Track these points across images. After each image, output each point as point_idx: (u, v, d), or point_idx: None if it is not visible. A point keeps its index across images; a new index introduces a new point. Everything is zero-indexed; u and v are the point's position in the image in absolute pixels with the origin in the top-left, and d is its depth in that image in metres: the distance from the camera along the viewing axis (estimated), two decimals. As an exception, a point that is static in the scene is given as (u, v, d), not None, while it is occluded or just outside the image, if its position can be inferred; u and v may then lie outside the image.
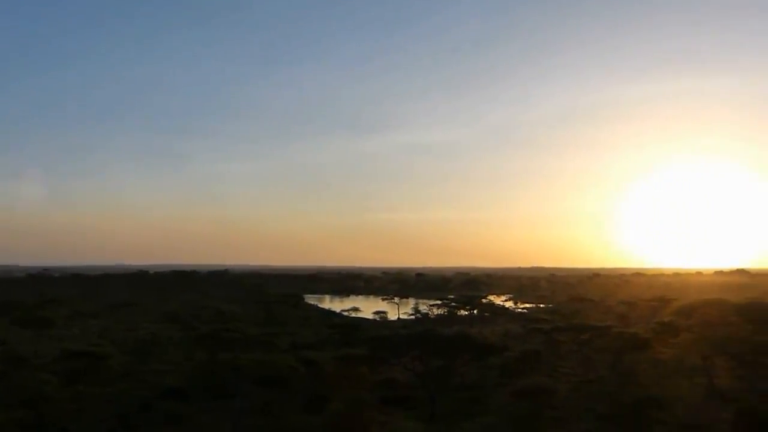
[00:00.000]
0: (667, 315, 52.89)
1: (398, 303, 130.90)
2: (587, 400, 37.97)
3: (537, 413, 33.94)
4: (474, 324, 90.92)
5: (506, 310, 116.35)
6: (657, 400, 34.18)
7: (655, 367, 45.40)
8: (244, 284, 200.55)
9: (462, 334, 49.35)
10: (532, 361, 47.88)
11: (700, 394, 39.24)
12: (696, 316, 45.15)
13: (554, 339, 54.61)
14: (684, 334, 44.63)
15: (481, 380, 44.12)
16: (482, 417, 34.43)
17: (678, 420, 32.83)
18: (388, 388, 40.45)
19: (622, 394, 37.63)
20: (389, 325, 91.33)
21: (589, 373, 47.54)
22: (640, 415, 32.81)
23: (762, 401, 34.55)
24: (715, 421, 32.92)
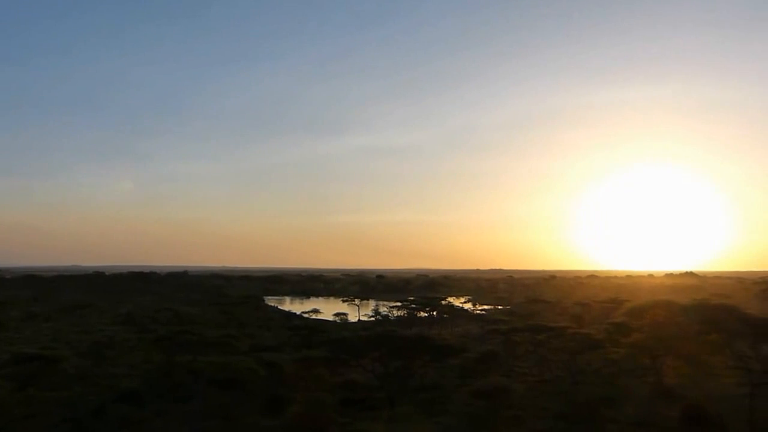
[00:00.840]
0: (620, 316, 54.32)
1: (359, 305, 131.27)
2: (543, 399, 38.88)
3: (495, 413, 34.65)
4: (433, 325, 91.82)
5: (465, 312, 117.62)
6: (609, 399, 35.30)
7: (608, 366, 46.67)
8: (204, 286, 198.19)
9: (421, 336, 49.95)
10: (490, 361, 48.73)
11: (649, 393, 40.55)
12: (646, 317, 46.43)
13: (512, 340, 55.60)
14: (635, 334, 45.93)
15: (441, 381, 44.73)
16: (441, 417, 34.98)
17: (628, 418, 33.96)
18: (347, 389, 40.71)
19: (576, 393, 38.71)
20: (349, 326, 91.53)
21: (545, 373, 48.65)
22: (593, 413, 33.85)
23: (707, 399, 35.92)
24: (663, 418, 34.14)
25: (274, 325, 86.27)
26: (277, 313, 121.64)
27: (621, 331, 49.00)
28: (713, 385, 40.01)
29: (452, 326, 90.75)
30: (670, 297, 58.42)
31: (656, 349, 43.68)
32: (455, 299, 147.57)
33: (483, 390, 36.40)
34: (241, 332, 63.44)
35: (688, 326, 41.75)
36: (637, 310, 49.92)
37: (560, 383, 43.72)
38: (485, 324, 75.85)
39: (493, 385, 37.28)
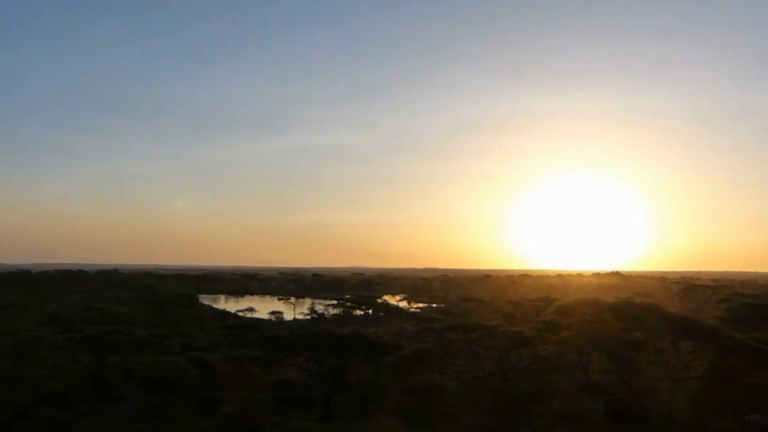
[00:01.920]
0: (549, 314, 55.88)
1: (294, 303, 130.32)
2: (475, 395, 39.75)
3: (428, 409, 35.21)
4: (369, 324, 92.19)
5: (400, 310, 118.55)
6: (538, 394, 36.45)
7: (537, 363, 48.13)
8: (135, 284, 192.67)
9: (357, 334, 50.12)
10: (424, 359, 49.37)
11: (576, 388, 42.04)
12: (574, 315, 48.10)
13: (445, 338, 56.49)
14: (563, 332, 47.51)
15: (375, 379, 45.06)
16: (376, 414, 35.28)
17: (556, 412, 35.17)
18: (282, 388, 40.57)
19: (507, 389, 39.76)
20: (285, 325, 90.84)
21: (477, 369, 49.68)
22: (522, 408, 34.90)
23: (629, 392, 37.56)
24: (589, 411, 35.50)
25: (207, 324, 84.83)
26: (210, 312, 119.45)
27: (550, 328, 50.54)
28: (636, 379, 41.80)
29: (387, 324, 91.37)
30: (597, 296, 60.54)
31: (583, 345, 45.32)
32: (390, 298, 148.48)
33: (416, 387, 36.96)
34: (173, 331, 62.06)
35: (613, 324, 43.53)
36: (566, 309, 51.60)
37: (492, 379, 44.78)
38: (420, 322, 76.62)
39: (427, 382, 37.91)
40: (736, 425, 33.68)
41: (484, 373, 47.78)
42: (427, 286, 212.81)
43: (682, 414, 35.51)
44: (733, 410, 34.96)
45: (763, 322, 50.78)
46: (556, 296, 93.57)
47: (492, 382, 43.73)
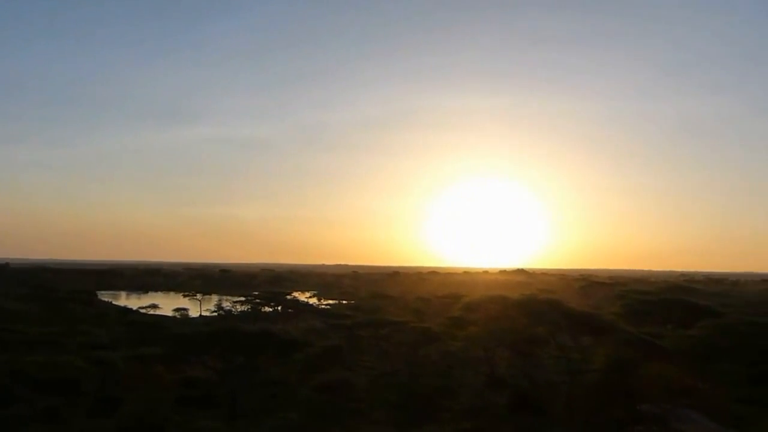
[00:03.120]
0: (457, 310, 57.00)
1: (200, 300, 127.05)
2: (384, 391, 40.02)
3: (337, 406, 35.16)
4: (278, 320, 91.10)
5: (310, 307, 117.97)
6: (445, 389, 37.11)
7: (445, 358, 49.04)
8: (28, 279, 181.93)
9: (265, 331, 49.34)
10: (334, 355, 49.29)
11: (482, 382, 43.16)
12: (481, 311, 49.25)
13: (355, 334, 56.63)
14: (470, 327, 48.58)
15: (284, 376, 44.57)
16: (284, 412, 34.90)
17: (462, 405, 35.95)
18: (187, 387, 39.41)
19: (415, 384, 40.27)
20: (190, 322, 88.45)
21: (387, 365, 50.06)
22: (430, 403, 35.46)
23: (531, 386, 38.93)
24: (493, 405, 36.52)
25: (107, 321, 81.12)
26: (111, 308, 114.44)
27: (458, 324, 51.60)
28: (539, 373, 43.37)
29: (297, 321, 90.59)
30: (502, 292, 62.35)
31: (489, 341, 46.55)
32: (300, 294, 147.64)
33: (326, 384, 36.85)
34: (70, 329, 59.02)
35: (518, 320, 44.95)
36: (473, 305, 52.80)
37: (401, 375, 45.23)
38: (330, 319, 76.55)
39: (336, 379, 37.86)
40: (628, 414, 35.55)
41: (393, 369, 48.20)
42: (337, 282, 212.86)
43: (579, 405, 37.13)
44: (627, 400, 36.88)
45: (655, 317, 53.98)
46: (464, 293, 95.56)
47: (401, 377, 44.18)
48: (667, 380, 38.11)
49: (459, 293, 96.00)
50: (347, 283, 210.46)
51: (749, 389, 39.95)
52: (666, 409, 36.47)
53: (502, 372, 45.29)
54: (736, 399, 37.95)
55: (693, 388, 37.97)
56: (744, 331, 43.67)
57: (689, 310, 58.09)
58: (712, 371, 41.19)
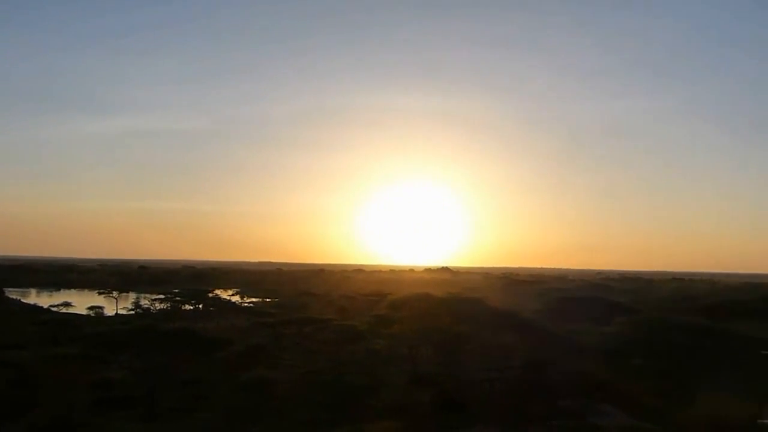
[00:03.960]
0: (382, 308, 57.27)
1: (117, 297, 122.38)
2: (308, 390, 39.57)
3: (260, 405, 34.51)
4: (199, 319, 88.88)
5: (233, 305, 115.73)
6: (369, 387, 37.03)
7: (370, 356, 48.99)
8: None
9: (185, 330, 48.03)
10: (257, 354, 48.42)
11: (406, 380, 43.34)
12: (406, 309, 49.69)
13: (279, 332, 55.87)
14: (395, 325, 48.85)
15: (206, 375, 43.41)
16: (205, 412, 33.98)
17: (386, 404, 35.94)
18: (104, 388, 37.76)
19: (340, 383, 40.01)
20: (106, 321, 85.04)
21: (311, 364, 49.56)
22: (355, 401, 35.29)
23: (455, 383, 39.41)
24: (417, 403, 36.71)
25: (16, 320, 76.99)
26: (20, 306, 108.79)
27: (383, 322, 51.78)
28: (462, 370, 43.95)
29: (219, 319, 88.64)
30: (427, 291, 63.05)
31: (414, 339, 46.86)
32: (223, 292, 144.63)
33: (249, 383, 36.10)
34: (-27, 329, 55.64)
35: (442, 318, 45.51)
36: (398, 303, 53.16)
37: (324, 374, 44.87)
38: (253, 317, 75.33)
39: (259, 378, 37.16)
40: (547, 409, 36.53)
41: (318, 368, 47.77)
42: (261, 280, 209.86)
43: (500, 401, 37.87)
44: (546, 396, 37.90)
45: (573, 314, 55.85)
46: (389, 291, 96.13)
47: (325, 376, 43.82)
48: (584, 376, 39.43)
49: (384, 291, 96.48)
50: (271, 280, 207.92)
51: (659, 382, 41.79)
52: (582, 404, 37.71)
53: (425, 370, 45.63)
54: (647, 392, 39.61)
55: (608, 382, 39.43)
56: (656, 327, 45.79)
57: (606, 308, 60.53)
58: (627, 366, 42.92)
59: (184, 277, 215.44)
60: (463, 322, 45.58)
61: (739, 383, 37.60)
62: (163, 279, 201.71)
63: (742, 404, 31.67)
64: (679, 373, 42.39)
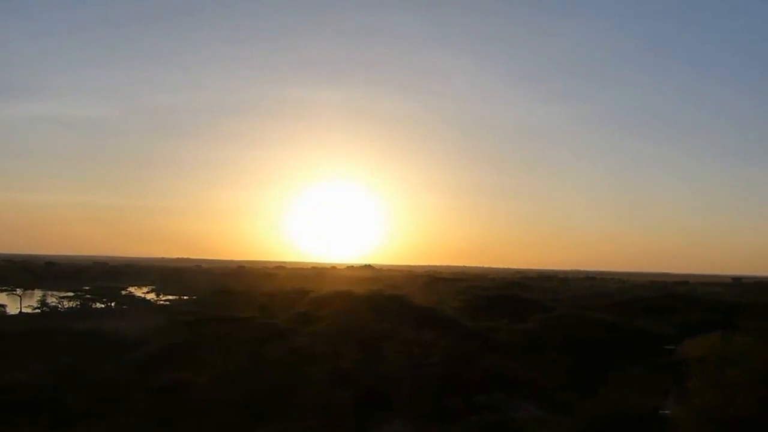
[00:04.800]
0: (304, 306, 56.79)
1: (21, 295, 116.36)
2: (228, 390, 38.79)
3: (177, 408, 33.56)
4: (111, 318, 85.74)
5: (148, 303, 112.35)
6: (291, 386, 36.66)
7: (291, 355, 48.46)
8: None
9: (96, 329, 46.21)
10: (173, 354, 47.05)
11: (328, 378, 43.15)
12: (328, 306, 49.46)
13: (197, 331, 54.43)
14: (317, 323, 48.54)
15: (117, 377, 41.81)
16: (117, 417, 32.73)
17: (308, 402, 35.68)
18: (4, 392, 35.71)
19: (260, 382, 39.46)
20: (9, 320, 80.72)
21: (230, 364, 48.58)
22: (276, 400, 34.86)
23: (377, 381, 39.59)
24: (338, 400, 36.63)
25: None
26: None
27: (304, 320, 51.37)
28: (383, 368, 44.13)
29: (132, 318, 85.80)
30: (350, 288, 63.02)
31: (336, 336, 46.73)
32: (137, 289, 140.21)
33: (165, 385, 35.04)
34: None
35: (364, 315, 45.60)
36: (320, 301, 52.86)
37: (245, 373, 44.11)
38: (169, 315, 73.21)
39: (176, 379, 36.13)
40: (465, 404, 37.31)
41: (237, 367, 46.88)
42: (178, 277, 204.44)
43: (420, 397, 38.33)
44: (464, 391, 38.69)
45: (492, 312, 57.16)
46: (312, 288, 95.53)
47: (245, 375, 43.08)
48: (501, 371, 40.48)
49: (306, 289, 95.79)
50: (189, 277, 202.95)
51: (572, 376, 43.36)
52: (499, 399, 38.74)
53: (347, 367, 45.58)
54: (559, 386, 41.02)
55: (524, 378, 40.62)
56: (569, 324, 47.52)
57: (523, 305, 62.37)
58: (541, 361, 44.30)
59: (95, 273, 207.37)
60: (385, 320, 45.81)
61: (643, 376, 39.53)
62: (72, 275, 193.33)
63: (646, 396, 33.24)
64: (590, 368, 44.11)
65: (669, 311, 69.82)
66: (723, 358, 23.49)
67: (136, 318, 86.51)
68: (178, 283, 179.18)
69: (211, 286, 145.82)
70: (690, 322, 53.32)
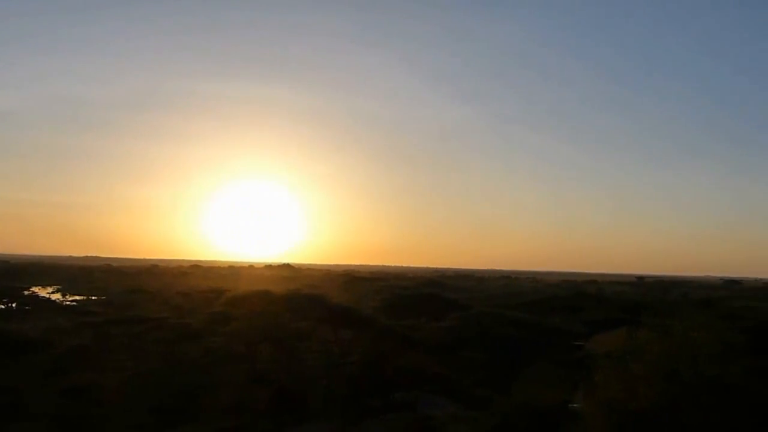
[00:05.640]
0: (220, 305, 55.69)
1: None
2: (139, 393, 37.56)
3: (85, 412, 32.20)
4: (13, 319, 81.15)
5: (53, 303, 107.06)
6: (205, 388, 35.84)
7: (206, 355, 47.40)
8: None
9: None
10: (81, 356, 45.12)
11: (244, 379, 42.47)
12: (244, 306, 48.66)
13: (106, 332, 52.42)
14: (233, 323, 47.69)
15: (20, 381, 39.63)
16: (20, 423, 31.05)
17: (223, 404, 34.99)
18: None
19: (173, 384, 38.38)
20: None
21: (142, 365, 47.04)
22: (190, 402, 33.99)
23: (294, 380, 39.29)
24: (255, 401, 36.14)
25: None
26: None
27: (220, 320, 50.35)
28: (301, 367, 43.89)
29: (36, 319, 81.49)
30: (267, 287, 62.23)
31: (253, 336, 46.06)
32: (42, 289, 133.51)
33: (72, 388, 33.55)
34: None
35: (282, 314, 45.15)
36: (237, 300, 51.93)
37: (157, 375, 42.82)
38: (76, 316, 70.09)
39: (84, 382, 34.67)
40: (383, 403, 37.59)
41: (149, 369, 45.43)
42: (86, 276, 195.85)
43: (338, 396, 38.33)
44: (382, 389, 38.96)
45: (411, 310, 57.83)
46: (228, 288, 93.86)
47: (157, 377, 41.81)
48: (419, 369, 41.01)
49: (222, 288, 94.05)
50: (98, 276, 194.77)
51: (487, 373, 44.47)
52: (416, 396, 39.23)
53: (264, 368, 45.04)
54: (476, 383, 41.98)
55: (441, 375, 41.31)
56: (485, 322, 48.73)
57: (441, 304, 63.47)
58: (458, 359, 45.21)
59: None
60: (303, 319, 45.55)
61: (555, 371, 41.00)
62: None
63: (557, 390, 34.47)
64: (505, 364, 45.37)
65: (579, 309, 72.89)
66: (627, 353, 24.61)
67: (41, 319, 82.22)
68: (87, 282, 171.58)
69: (122, 285, 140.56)
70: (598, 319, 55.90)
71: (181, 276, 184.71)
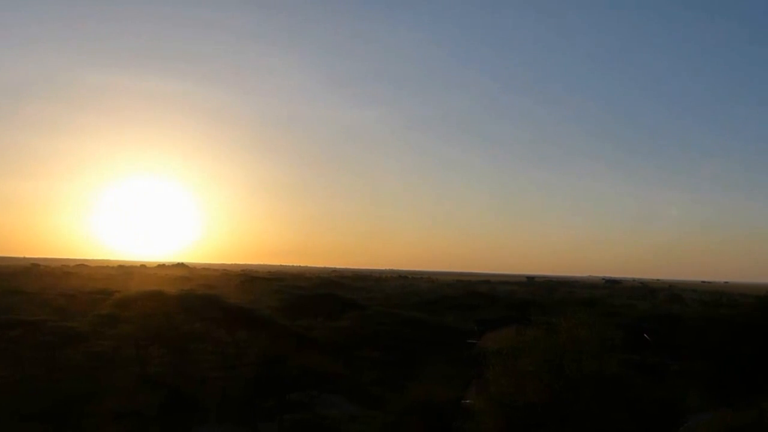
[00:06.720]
0: (107, 307, 53.12)
1: None
2: (16, 402, 35.26)
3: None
4: None
5: None
6: (90, 393, 34.13)
7: (91, 360, 45.14)
8: None
9: None
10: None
11: (133, 383, 40.78)
12: (135, 307, 46.75)
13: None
14: (122, 325, 45.66)
15: None
16: None
17: (110, 410, 33.43)
18: None
19: (55, 391, 36.32)
20: None
21: (19, 372, 44.14)
22: (73, 409, 32.26)
23: (187, 383, 38.17)
24: (146, 406, 34.80)
25: None
26: None
27: (108, 322, 48.04)
28: (194, 370, 42.68)
29: None
30: (160, 287, 60.03)
31: (142, 339, 44.32)
32: None
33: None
34: None
35: (174, 316, 43.71)
36: (127, 301, 49.78)
37: (37, 382, 40.33)
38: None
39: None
40: (279, 403, 37.32)
41: (27, 376, 42.69)
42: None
43: (234, 398, 37.60)
44: (278, 390, 38.61)
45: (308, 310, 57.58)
46: (118, 288, 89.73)
47: (37, 384, 39.38)
48: (316, 369, 40.91)
49: (111, 288, 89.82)
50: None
51: (383, 372, 45.05)
52: (312, 396, 39.16)
53: (155, 371, 43.43)
54: (372, 382, 42.43)
55: (338, 374, 41.39)
56: (382, 322, 49.29)
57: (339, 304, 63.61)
58: (355, 358, 45.49)
59: None
60: (197, 320, 44.30)
61: (449, 368, 42.10)
62: None
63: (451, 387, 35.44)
64: (401, 363, 46.10)
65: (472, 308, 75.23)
66: (516, 350, 25.67)
67: None
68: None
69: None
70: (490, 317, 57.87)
71: (64, 276, 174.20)
